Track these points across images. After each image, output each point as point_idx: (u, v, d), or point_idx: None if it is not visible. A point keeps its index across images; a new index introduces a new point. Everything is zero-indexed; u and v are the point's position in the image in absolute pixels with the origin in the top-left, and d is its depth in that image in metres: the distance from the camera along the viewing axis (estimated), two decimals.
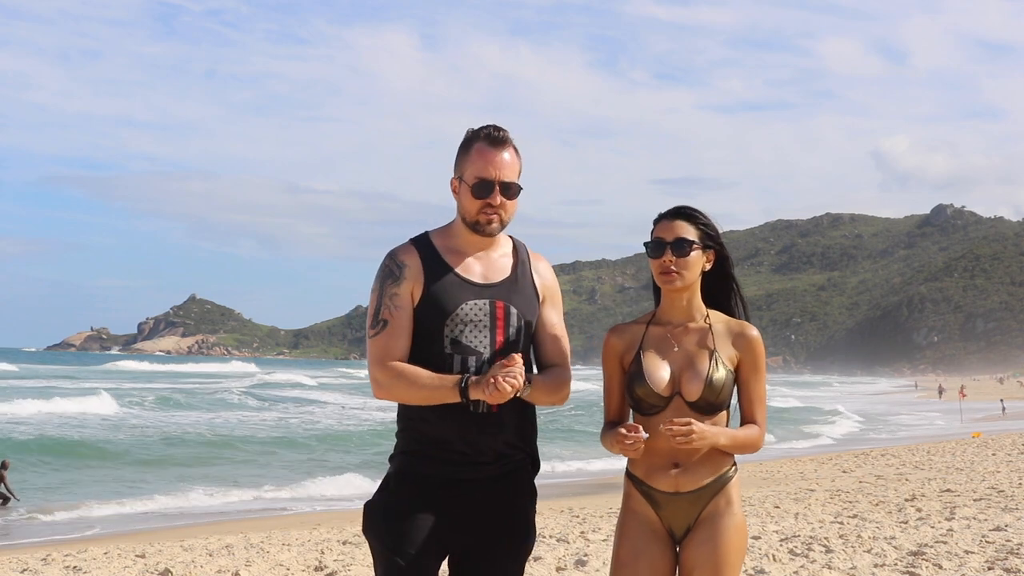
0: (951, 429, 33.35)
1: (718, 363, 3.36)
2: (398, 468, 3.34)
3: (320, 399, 48.19)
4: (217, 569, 8.69)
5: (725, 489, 3.38)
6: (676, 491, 3.36)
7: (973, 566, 7.39)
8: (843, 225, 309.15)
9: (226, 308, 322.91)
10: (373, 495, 3.38)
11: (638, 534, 3.40)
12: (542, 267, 3.49)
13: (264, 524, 13.42)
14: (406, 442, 3.35)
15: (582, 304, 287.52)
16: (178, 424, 29.52)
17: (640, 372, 3.38)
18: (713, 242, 3.45)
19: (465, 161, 3.33)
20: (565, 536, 9.76)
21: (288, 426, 30.81)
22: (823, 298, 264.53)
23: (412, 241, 3.39)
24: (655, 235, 3.42)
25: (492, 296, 3.32)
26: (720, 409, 3.38)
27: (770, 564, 7.75)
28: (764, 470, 19.01)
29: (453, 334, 3.27)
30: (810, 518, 10.59)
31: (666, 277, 3.39)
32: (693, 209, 3.45)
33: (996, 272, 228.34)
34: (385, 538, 3.27)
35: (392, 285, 3.31)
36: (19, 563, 9.62)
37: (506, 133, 3.33)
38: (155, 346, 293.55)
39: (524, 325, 3.36)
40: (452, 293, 3.29)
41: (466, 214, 3.32)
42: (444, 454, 3.27)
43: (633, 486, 3.43)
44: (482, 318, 3.29)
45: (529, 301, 3.39)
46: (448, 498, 3.27)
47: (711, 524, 3.36)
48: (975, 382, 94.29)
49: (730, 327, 3.44)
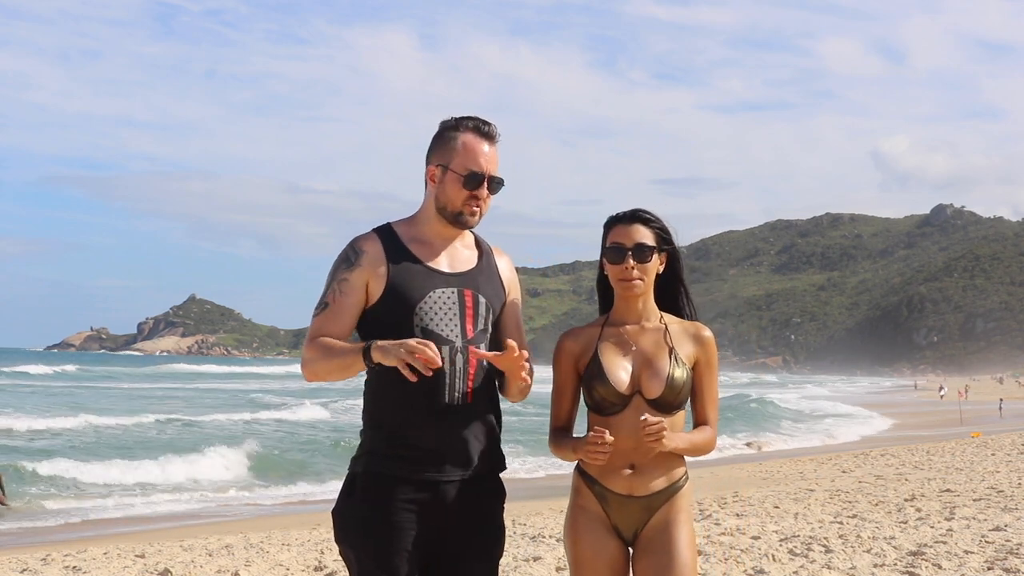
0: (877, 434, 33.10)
1: (678, 361, 3.37)
2: (365, 468, 3.24)
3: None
4: (217, 569, 8.69)
5: (676, 497, 3.38)
6: (629, 494, 3.36)
7: (973, 566, 7.39)
8: (843, 225, 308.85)
9: (226, 308, 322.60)
10: (338, 500, 3.29)
11: (593, 532, 3.40)
12: (505, 262, 3.45)
13: (264, 524, 13.41)
14: (370, 441, 3.26)
15: (582, 304, 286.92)
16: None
17: (600, 372, 3.37)
18: (667, 245, 3.45)
19: (450, 150, 3.27)
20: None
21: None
22: (823, 298, 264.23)
23: (375, 230, 3.33)
24: (613, 240, 3.40)
25: (460, 284, 3.28)
26: (679, 408, 3.39)
27: (770, 564, 7.75)
28: (764, 470, 19.01)
29: (423, 323, 3.21)
30: (810, 518, 10.58)
31: (627, 284, 3.38)
32: (648, 212, 3.44)
33: (996, 272, 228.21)
34: (362, 548, 3.20)
35: (344, 271, 3.26)
36: (19, 563, 9.62)
37: (495, 128, 3.31)
38: (155, 346, 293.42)
39: (492, 315, 3.32)
40: (419, 281, 3.24)
41: (449, 204, 3.27)
42: (414, 452, 3.19)
43: (585, 484, 3.43)
44: (451, 306, 3.24)
45: (496, 291, 3.36)
46: (422, 502, 3.19)
47: (665, 533, 3.35)
48: (975, 382, 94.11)
49: (685, 328, 3.46)
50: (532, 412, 27.60)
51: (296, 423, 32.00)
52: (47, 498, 16.21)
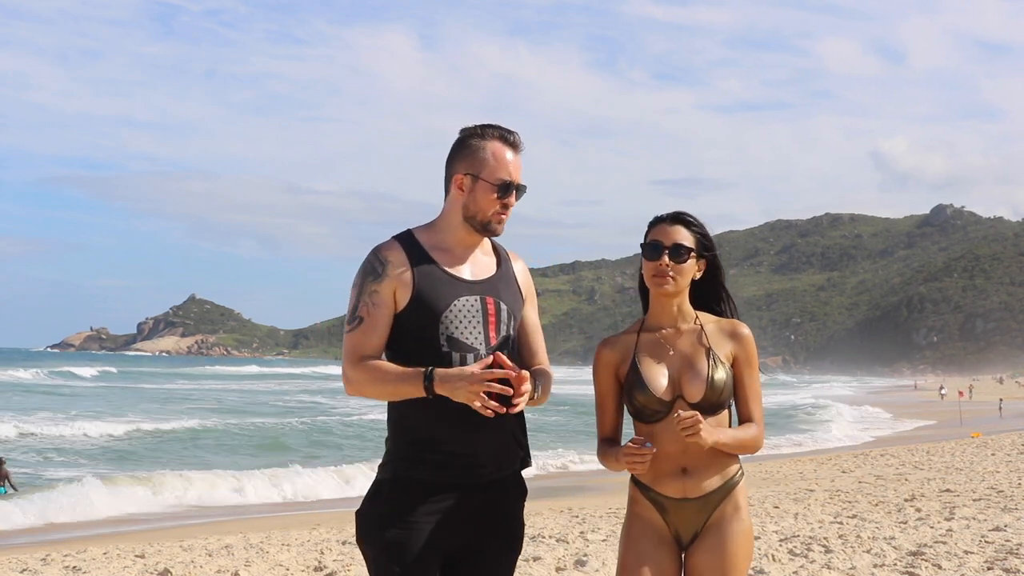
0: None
1: (716, 362, 3.35)
2: (392, 474, 3.26)
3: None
4: (217, 569, 8.69)
5: (732, 494, 3.36)
6: (684, 497, 3.33)
7: (972, 566, 7.39)
8: (843, 225, 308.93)
9: (226, 308, 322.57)
10: (363, 502, 3.32)
11: (644, 539, 3.37)
12: (520, 267, 3.47)
13: (264, 524, 13.42)
14: (399, 447, 3.29)
15: (582, 304, 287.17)
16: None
17: (639, 379, 3.35)
18: (708, 252, 3.44)
19: (480, 160, 3.29)
20: (565, 536, 9.75)
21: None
22: (823, 298, 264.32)
23: (396, 238, 3.33)
24: (652, 238, 3.40)
25: (482, 292, 3.29)
26: (722, 408, 3.37)
27: (770, 564, 7.75)
28: (764, 470, 19.01)
29: (448, 331, 3.23)
30: (810, 518, 10.59)
31: (660, 280, 3.36)
32: (692, 216, 3.44)
33: (996, 272, 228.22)
34: (382, 547, 3.22)
35: (373, 282, 3.26)
36: (19, 563, 9.63)
37: (519, 136, 3.34)
38: (155, 346, 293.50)
39: (514, 321, 3.34)
40: (444, 290, 3.25)
41: (480, 212, 3.28)
42: (440, 457, 3.21)
43: (639, 492, 3.39)
44: (475, 314, 3.26)
45: (515, 297, 3.38)
46: (445, 504, 3.22)
47: (718, 530, 3.33)
48: (975, 382, 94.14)
49: (721, 326, 3.44)
50: (528, 413, 27.66)
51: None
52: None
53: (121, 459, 22.51)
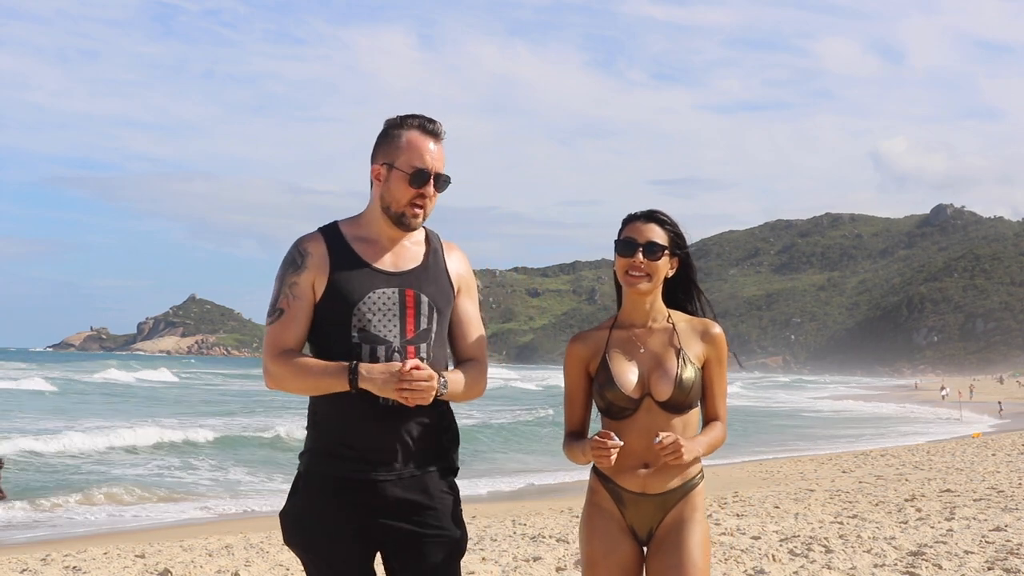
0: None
1: (686, 362, 3.38)
2: (305, 468, 3.26)
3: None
4: (217, 569, 8.68)
5: (691, 495, 3.40)
6: (643, 492, 3.37)
7: (973, 566, 7.38)
8: (843, 225, 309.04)
9: (226, 308, 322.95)
10: (286, 501, 3.30)
11: (607, 531, 3.41)
12: (456, 257, 3.39)
13: (264, 524, 13.41)
14: (312, 439, 3.27)
15: (582, 304, 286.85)
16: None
17: (609, 376, 3.38)
18: (680, 249, 3.47)
19: (395, 148, 3.25)
20: (565, 536, 9.75)
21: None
22: (823, 298, 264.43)
23: (320, 230, 3.32)
24: (626, 235, 3.43)
25: (401, 284, 3.24)
26: (690, 407, 3.40)
27: (770, 564, 7.74)
28: (764, 470, 19.01)
29: (361, 323, 3.19)
30: (810, 518, 10.58)
31: (633, 277, 3.39)
32: (665, 215, 3.47)
33: (996, 272, 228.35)
34: (307, 548, 3.22)
35: (293, 274, 3.25)
36: (19, 563, 9.62)
37: (440, 125, 3.29)
38: (155, 346, 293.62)
39: (436, 314, 3.27)
40: (359, 282, 3.22)
41: (393, 203, 3.24)
42: (348, 451, 3.18)
43: (600, 483, 3.44)
44: (391, 307, 3.21)
45: (442, 290, 3.30)
46: (359, 499, 3.18)
47: (678, 532, 3.37)
48: (975, 382, 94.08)
49: (693, 325, 3.47)
50: (528, 414, 27.56)
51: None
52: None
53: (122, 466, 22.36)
